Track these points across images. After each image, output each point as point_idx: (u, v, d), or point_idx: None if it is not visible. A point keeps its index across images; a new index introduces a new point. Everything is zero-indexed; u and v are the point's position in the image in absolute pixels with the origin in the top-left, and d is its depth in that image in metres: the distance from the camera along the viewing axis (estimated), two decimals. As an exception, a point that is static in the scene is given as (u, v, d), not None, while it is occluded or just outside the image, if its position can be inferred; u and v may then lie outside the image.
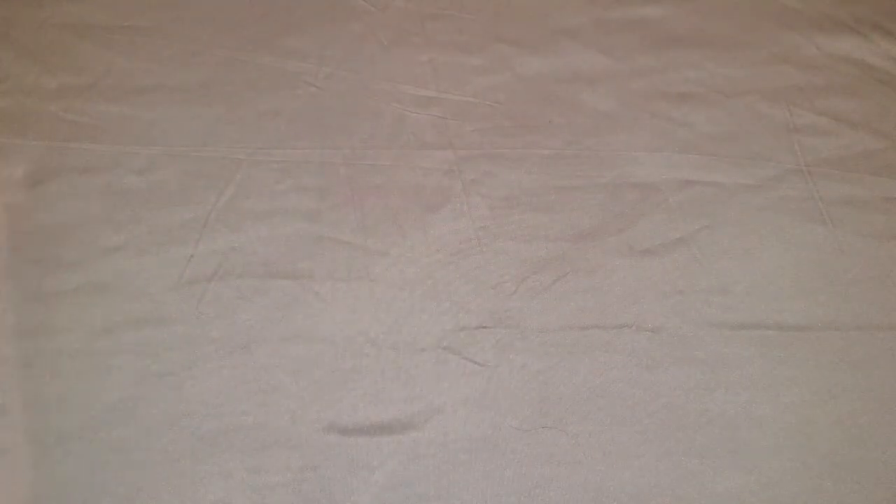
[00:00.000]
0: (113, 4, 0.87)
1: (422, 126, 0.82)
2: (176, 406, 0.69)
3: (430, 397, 0.71)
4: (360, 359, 0.72)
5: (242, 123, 0.81)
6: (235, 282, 0.74)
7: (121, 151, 0.79)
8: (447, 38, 0.87)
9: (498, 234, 0.77)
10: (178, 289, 0.73)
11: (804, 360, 0.72)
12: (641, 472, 0.68)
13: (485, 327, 0.73)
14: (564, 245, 0.77)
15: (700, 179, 0.80)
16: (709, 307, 0.74)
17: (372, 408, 0.70)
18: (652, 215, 0.78)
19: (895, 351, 0.73)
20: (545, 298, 0.74)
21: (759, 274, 0.76)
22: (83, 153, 0.79)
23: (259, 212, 0.77)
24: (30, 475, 0.67)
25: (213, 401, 0.69)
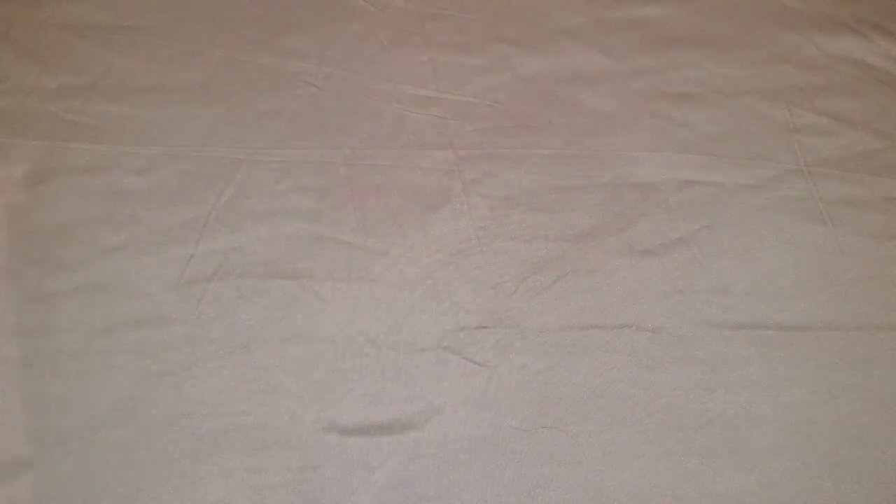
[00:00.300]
0: (113, 4, 0.87)
1: (422, 126, 0.82)
2: (176, 406, 0.69)
3: (430, 397, 0.71)
4: (360, 359, 0.72)
5: (242, 123, 0.81)
6: (235, 282, 0.74)
7: (121, 151, 0.79)
8: (447, 38, 0.87)
9: (498, 234, 0.77)
10: (178, 289, 0.73)
11: (804, 360, 0.72)
12: (641, 472, 0.68)
13: (485, 327, 0.73)
14: (564, 245, 0.77)
15: (700, 179, 0.80)
16: (709, 307, 0.74)
17: (372, 408, 0.70)
18: (652, 215, 0.78)
19: (895, 351, 0.73)
20: (545, 298, 0.74)
21: (759, 274, 0.76)
22: (83, 153, 0.79)
23: (259, 212, 0.77)
24: (30, 475, 0.67)
25: (213, 401, 0.69)
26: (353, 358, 0.72)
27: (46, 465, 0.67)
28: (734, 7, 0.90)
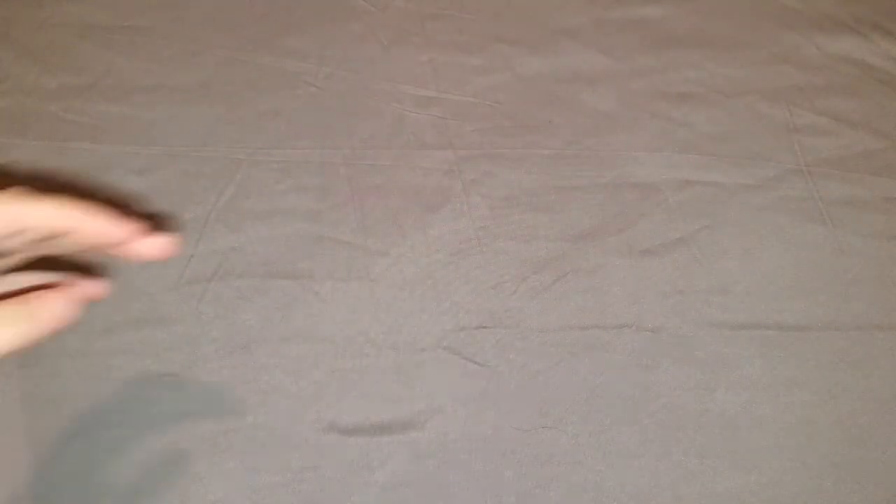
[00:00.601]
0: (113, 4, 0.87)
1: (422, 126, 0.82)
2: (176, 406, 0.69)
3: (430, 397, 0.70)
4: (360, 359, 0.72)
5: (242, 123, 0.81)
6: (235, 282, 0.74)
7: (121, 151, 0.79)
8: (447, 38, 0.87)
9: (498, 234, 0.77)
10: (178, 289, 0.73)
11: (804, 360, 0.72)
12: (641, 472, 0.68)
13: (485, 327, 0.73)
14: (564, 245, 0.77)
15: (700, 179, 0.80)
16: (709, 307, 0.74)
17: (372, 408, 0.70)
18: (652, 215, 0.78)
19: (895, 351, 0.73)
20: (545, 298, 0.74)
21: (759, 274, 0.76)
22: (83, 153, 0.79)
23: (259, 212, 0.77)
24: (30, 475, 0.67)
25: (213, 401, 0.69)
26: (353, 358, 0.72)
27: (46, 465, 0.67)
28: (734, 7, 0.90)
